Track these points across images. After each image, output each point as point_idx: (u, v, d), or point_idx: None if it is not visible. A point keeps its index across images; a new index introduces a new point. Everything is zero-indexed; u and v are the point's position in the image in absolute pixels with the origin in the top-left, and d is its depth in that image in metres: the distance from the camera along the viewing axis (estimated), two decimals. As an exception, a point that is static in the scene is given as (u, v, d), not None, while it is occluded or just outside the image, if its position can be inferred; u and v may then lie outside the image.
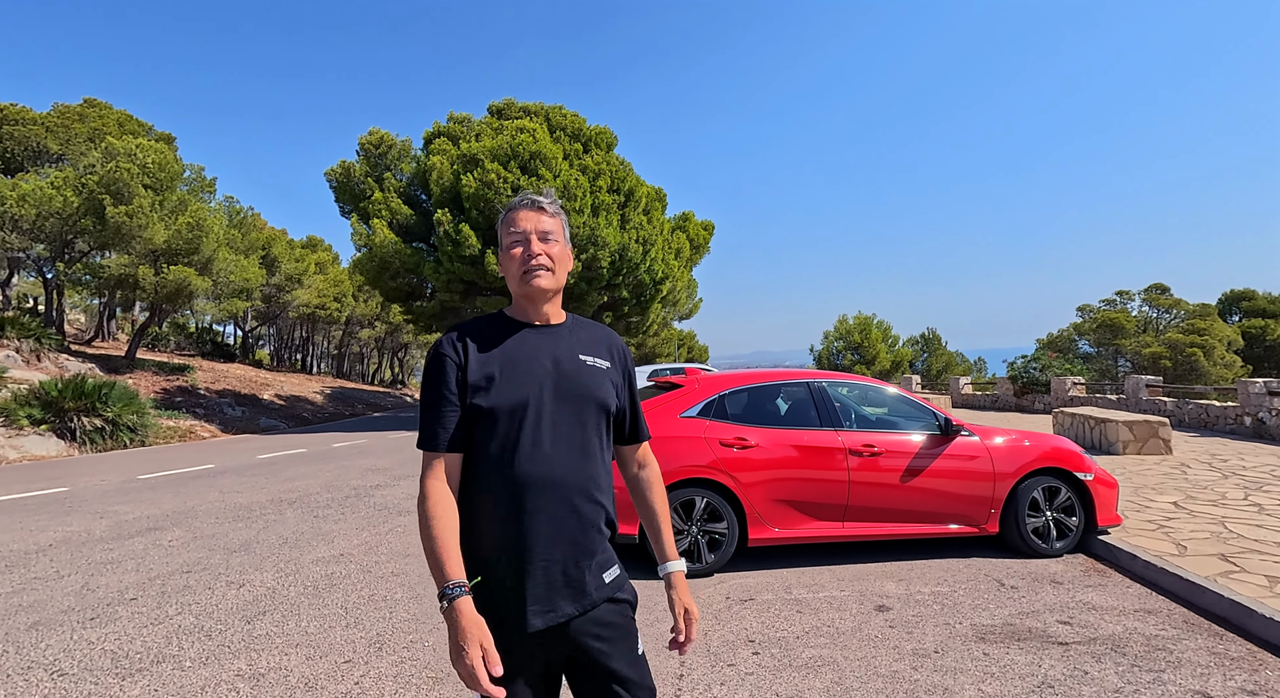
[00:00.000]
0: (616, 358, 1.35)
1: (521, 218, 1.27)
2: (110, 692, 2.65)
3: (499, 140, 17.54)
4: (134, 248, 18.12)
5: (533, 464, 1.18)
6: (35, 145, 22.06)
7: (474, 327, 1.29)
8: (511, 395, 1.20)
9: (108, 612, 3.56)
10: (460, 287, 18.15)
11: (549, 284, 1.26)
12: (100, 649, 3.07)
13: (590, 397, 1.25)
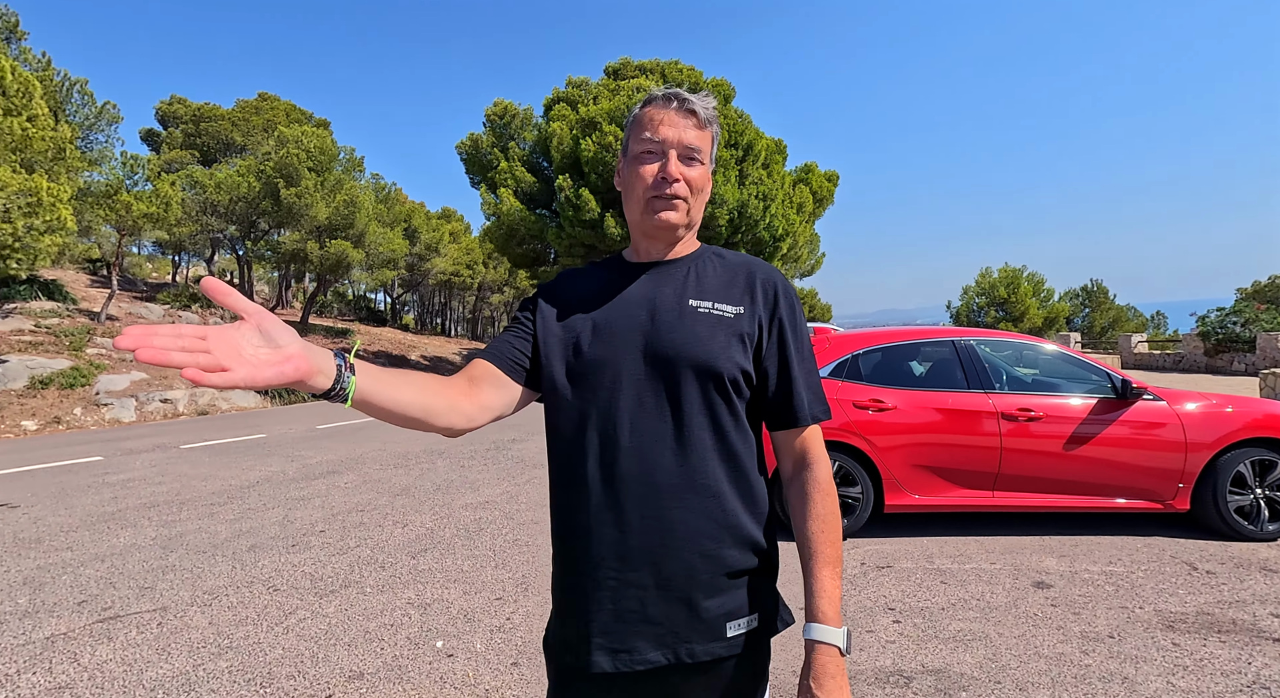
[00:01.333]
0: (759, 299, 0.95)
1: (662, 122, 0.93)
2: (312, 607, 3.11)
3: (615, 102, 17.51)
4: (302, 225, 20.46)
5: (604, 457, 0.88)
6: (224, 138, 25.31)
7: (576, 275, 1.05)
8: (586, 364, 0.92)
9: (304, 541, 4.15)
10: (581, 251, 18.65)
11: (679, 219, 0.94)
12: (301, 572, 3.60)
13: (687, 358, 0.89)
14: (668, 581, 0.87)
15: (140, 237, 19.96)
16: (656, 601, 0.87)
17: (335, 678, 2.45)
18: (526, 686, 2.36)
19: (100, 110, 17.76)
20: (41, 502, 5.38)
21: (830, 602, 0.87)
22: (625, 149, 0.98)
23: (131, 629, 2.92)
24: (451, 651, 2.65)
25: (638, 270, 0.99)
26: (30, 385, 11.98)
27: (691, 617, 0.87)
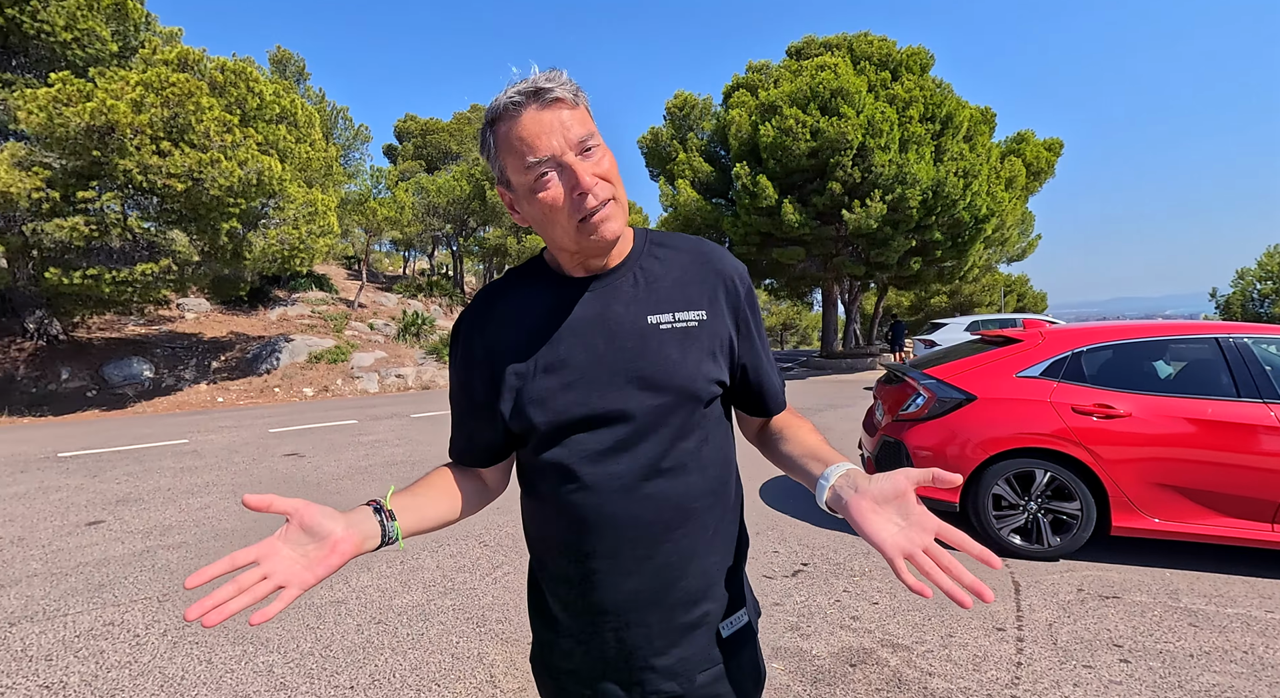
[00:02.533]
0: (721, 297, 0.88)
1: (535, 134, 0.76)
2: (514, 564, 3.53)
3: (797, 83, 16.88)
4: (503, 222, 22.80)
5: (596, 495, 0.83)
6: (444, 148, 29.06)
7: (498, 297, 0.90)
8: (554, 404, 0.83)
9: (507, 505, 4.70)
10: (757, 239, 18.38)
11: (621, 224, 0.81)
12: (505, 532, 4.09)
13: (662, 387, 0.82)
14: (670, 614, 0.85)
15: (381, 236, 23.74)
16: (662, 634, 0.85)
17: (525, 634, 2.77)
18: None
19: (356, 132, 21.42)
20: (319, 454, 6.74)
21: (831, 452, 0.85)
22: (505, 182, 0.82)
23: (382, 564, 3.56)
24: (630, 617, 2.84)
25: (577, 286, 0.86)
26: (309, 360, 14.97)
27: (696, 638, 0.86)
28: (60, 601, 3.15)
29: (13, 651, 2.66)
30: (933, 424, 3.73)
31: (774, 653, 2.49)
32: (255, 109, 12.27)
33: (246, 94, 12.02)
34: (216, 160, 10.86)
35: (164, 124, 10.45)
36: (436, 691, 2.30)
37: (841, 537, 3.85)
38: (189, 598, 3.12)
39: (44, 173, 9.90)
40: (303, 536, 0.72)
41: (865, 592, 3.07)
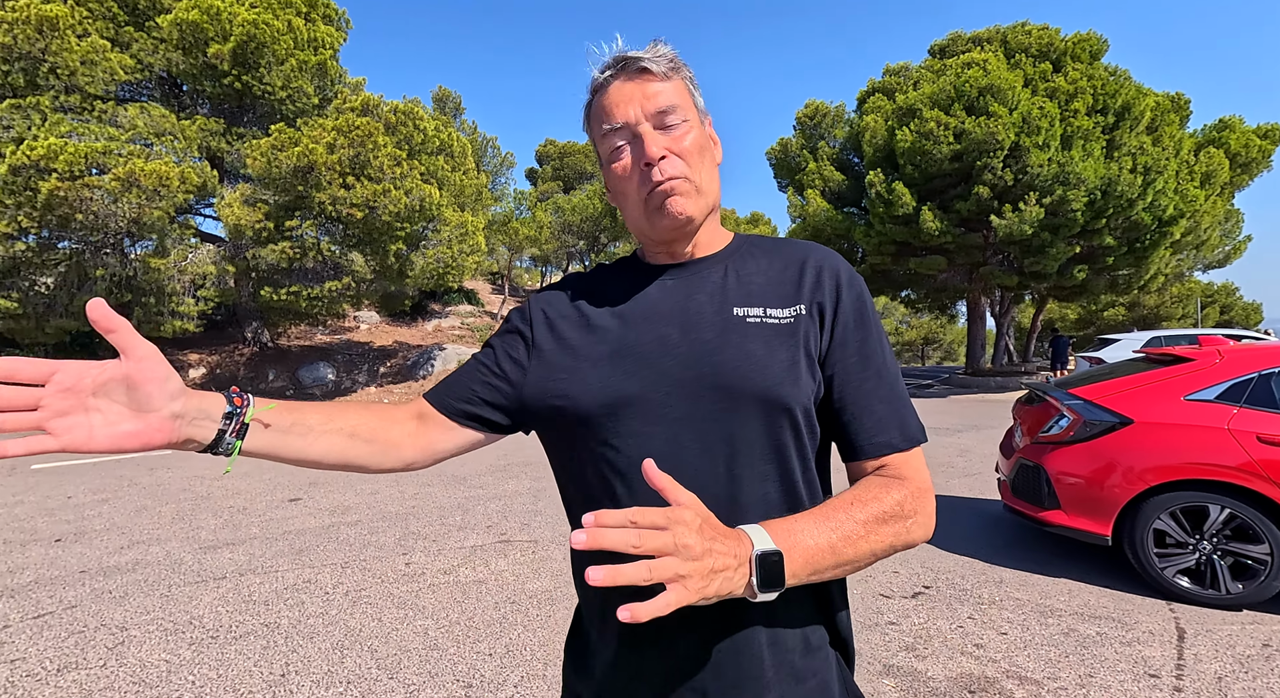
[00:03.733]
0: (816, 293, 0.74)
1: (615, 103, 0.72)
2: (630, 558, 3.77)
3: (939, 83, 15.91)
4: (632, 237, 23.66)
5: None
6: (579, 169, 30.77)
7: (581, 281, 0.84)
8: (599, 390, 0.71)
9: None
10: (892, 248, 17.48)
11: (694, 207, 0.73)
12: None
13: (739, 388, 0.68)
14: (725, 678, 0.68)
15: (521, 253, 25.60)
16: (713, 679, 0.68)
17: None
18: (807, 669, 2.50)
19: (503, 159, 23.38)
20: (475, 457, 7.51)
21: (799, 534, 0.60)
22: (599, 160, 0.77)
23: (517, 552, 3.96)
24: (741, 621, 2.94)
25: (658, 273, 0.78)
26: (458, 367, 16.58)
27: None
28: (272, 559, 3.86)
29: (243, 594, 3.33)
30: (1079, 448, 3.43)
31: (886, 670, 2.47)
32: (420, 144, 13.91)
33: (413, 131, 13.67)
34: (388, 190, 12.46)
35: (349, 161, 12.20)
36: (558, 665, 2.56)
37: (970, 563, 3.65)
38: (364, 567, 3.70)
39: (263, 207, 11.97)
40: (121, 390, 0.58)
41: (993, 621, 2.91)
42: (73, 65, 10.54)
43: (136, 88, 12.59)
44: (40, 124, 10.10)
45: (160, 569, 3.70)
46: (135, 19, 11.94)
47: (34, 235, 10.45)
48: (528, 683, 2.44)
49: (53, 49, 10.30)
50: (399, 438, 0.77)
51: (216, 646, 2.77)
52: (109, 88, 11.30)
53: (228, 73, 12.09)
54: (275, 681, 2.48)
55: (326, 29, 13.39)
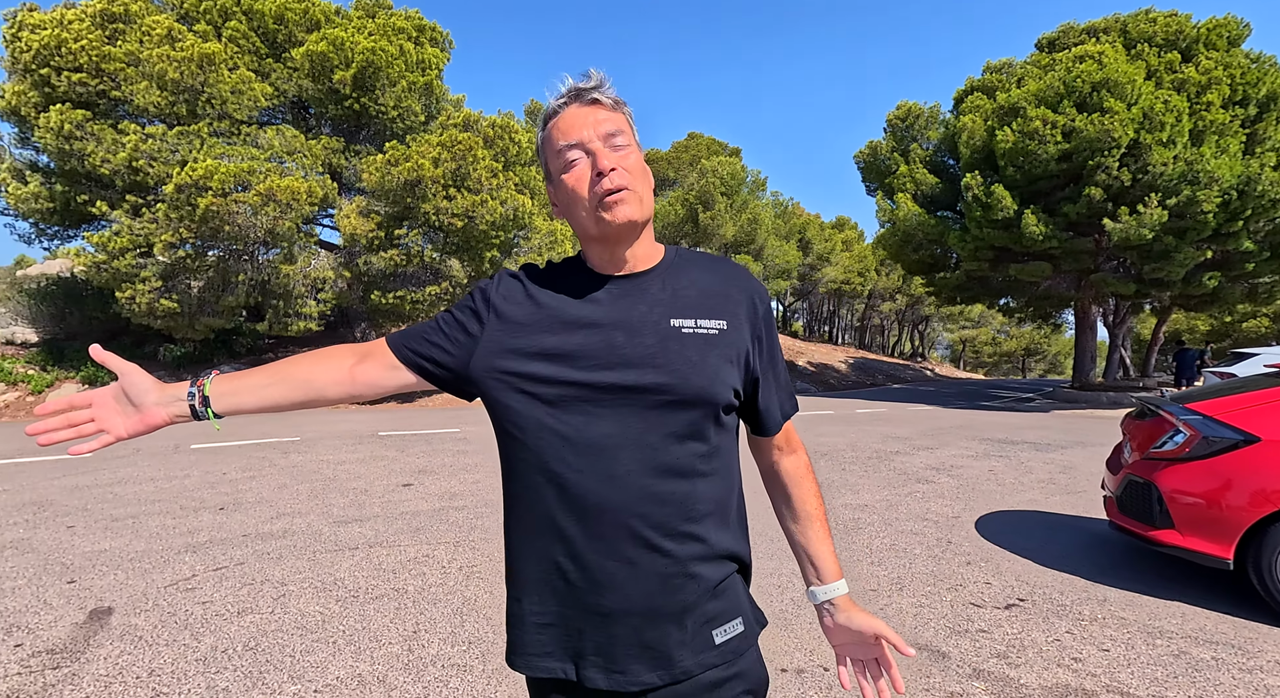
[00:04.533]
0: (743, 310, 0.91)
1: (569, 123, 0.85)
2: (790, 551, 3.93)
3: (1047, 80, 15.02)
4: (713, 243, 23.74)
5: (591, 480, 0.83)
6: (662, 176, 31.19)
7: (537, 273, 0.95)
8: (562, 380, 0.85)
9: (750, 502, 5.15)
10: (989, 254, 16.61)
11: (636, 213, 0.85)
12: (710, 526, 4.53)
13: (676, 387, 0.84)
14: (657, 610, 0.85)
15: (605, 260, 26.31)
16: (647, 627, 0.85)
17: (737, 609, 3.13)
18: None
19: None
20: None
21: (835, 560, 1.00)
22: (548, 176, 0.91)
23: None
24: (828, 617, 3.05)
25: (605, 282, 0.91)
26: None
27: (681, 635, 0.85)
28: (394, 535, 4.32)
29: (374, 563, 3.78)
30: (1196, 466, 3.28)
31: (976, 674, 2.51)
32: (514, 156, 14.69)
33: (509, 144, 14.45)
34: (485, 201, 13.25)
35: (451, 174, 13.09)
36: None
37: (1070, 580, 3.55)
38: (474, 546, 4.08)
39: (376, 218, 13.05)
40: (124, 398, 0.88)
41: (1094, 637, 2.86)
42: (224, 95, 11.98)
43: (273, 112, 14.09)
44: (199, 148, 11.55)
45: (305, 537, 4.24)
46: (274, 51, 13.39)
47: (190, 244, 11.94)
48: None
49: (210, 81, 11.76)
50: (333, 379, 0.93)
51: (358, 604, 3.19)
52: (252, 113, 12.73)
53: (348, 96, 13.30)
54: (409, 635, 2.85)
55: (433, 51, 14.44)
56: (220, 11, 12.91)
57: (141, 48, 11.34)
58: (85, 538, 4.21)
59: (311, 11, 13.46)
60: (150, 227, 11.34)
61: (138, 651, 2.70)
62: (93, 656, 2.66)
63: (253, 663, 2.61)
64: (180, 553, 3.92)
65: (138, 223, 11.40)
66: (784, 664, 2.60)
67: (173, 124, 11.94)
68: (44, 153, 12.19)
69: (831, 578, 0.98)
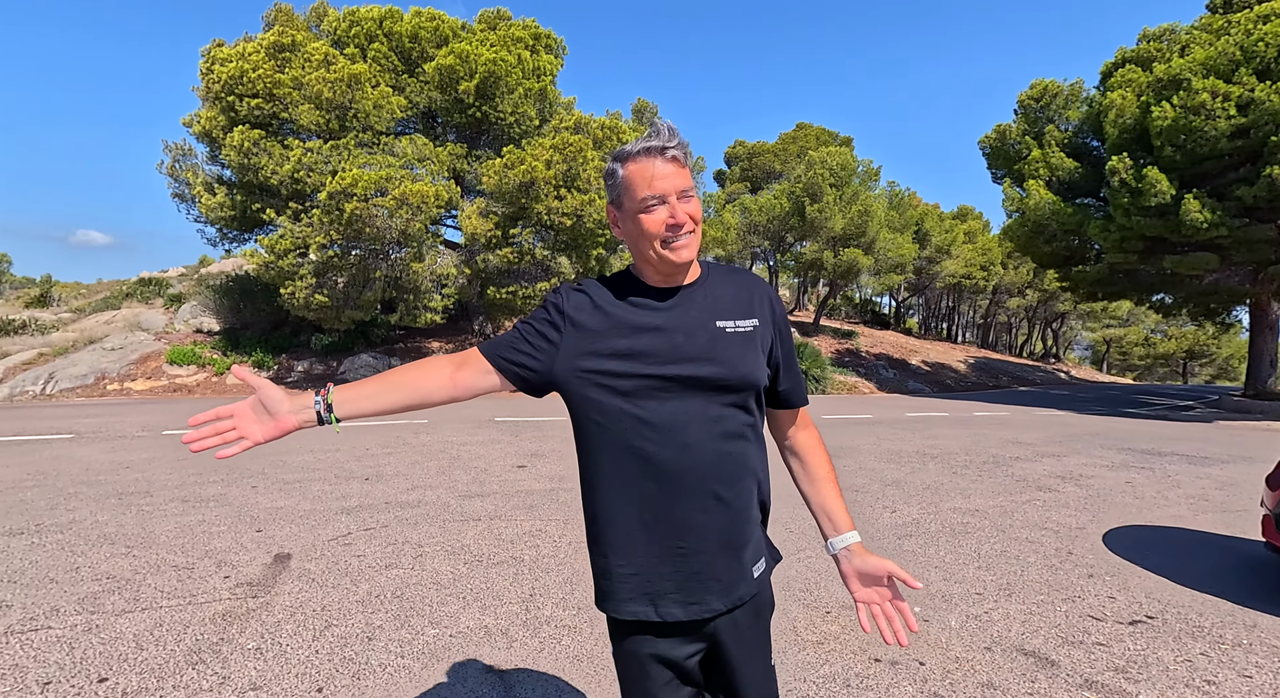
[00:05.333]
0: (763, 311, 1.15)
1: (650, 175, 1.05)
2: (803, 551, 3.97)
3: (1220, 45, 13.18)
4: (821, 236, 23.02)
5: (668, 451, 1.04)
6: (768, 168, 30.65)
7: (597, 286, 1.15)
8: (636, 374, 1.06)
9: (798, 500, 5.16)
10: (1139, 245, 14.88)
11: (693, 253, 1.09)
12: (790, 527, 4.57)
13: (730, 373, 1.07)
14: (729, 545, 1.09)
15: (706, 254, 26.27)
16: (719, 560, 1.08)
17: (830, 606, 3.19)
18: (996, 670, 2.55)
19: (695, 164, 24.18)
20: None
21: (846, 514, 1.20)
22: (619, 204, 1.10)
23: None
24: (927, 617, 3.03)
25: (661, 294, 1.12)
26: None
27: (740, 568, 1.11)
28: (511, 511, 4.75)
29: (495, 533, 4.21)
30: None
31: (1088, 684, 2.43)
32: (622, 156, 15.11)
33: (617, 144, 14.89)
34: (593, 200, 13.77)
35: (562, 175, 13.73)
36: (753, 625, 2.92)
37: (1214, 601, 3.26)
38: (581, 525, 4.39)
39: (494, 218, 13.98)
40: (261, 408, 1.05)
41: (1236, 662, 2.64)
42: (368, 109, 13.34)
43: (407, 123, 15.47)
44: (346, 158, 12.97)
45: (436, 508, 4.78)
46: (409, 67, 14.70)
47: (338, 245, 13.44)
48: (724, 634, 2.84)
49: (356, 98, 13.14)
50: (437, 385, 1.13)
51: (482, 567, 3.59)
52: (390, 125, 14.08)
53: (471, 105, 14.32)
54: (526, 598, 3.18)
55: (547, 58, 15.17)
56: (366, 35, 14.35)
57: (303, 73, 12.89)
58: (266, 496, 4.99)
59: (441, 29, 14.60)
60: (307, 230, 12.90)
61: (312, 590, 3.24)
62: (279, 590, 3.22)
63: (399, 608, 3.04)
64: (337, 514, 4.56)
65: (297, 227, 13.01)
66: (879, 655, 2.65)
67: (326, 138, 13.46)
68: (228, 168, 14.20)
69: (845, 529, 1.19)
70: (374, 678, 2.43)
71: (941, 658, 2.64)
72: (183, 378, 14.04)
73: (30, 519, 4.28)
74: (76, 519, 4.30)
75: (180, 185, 15.00)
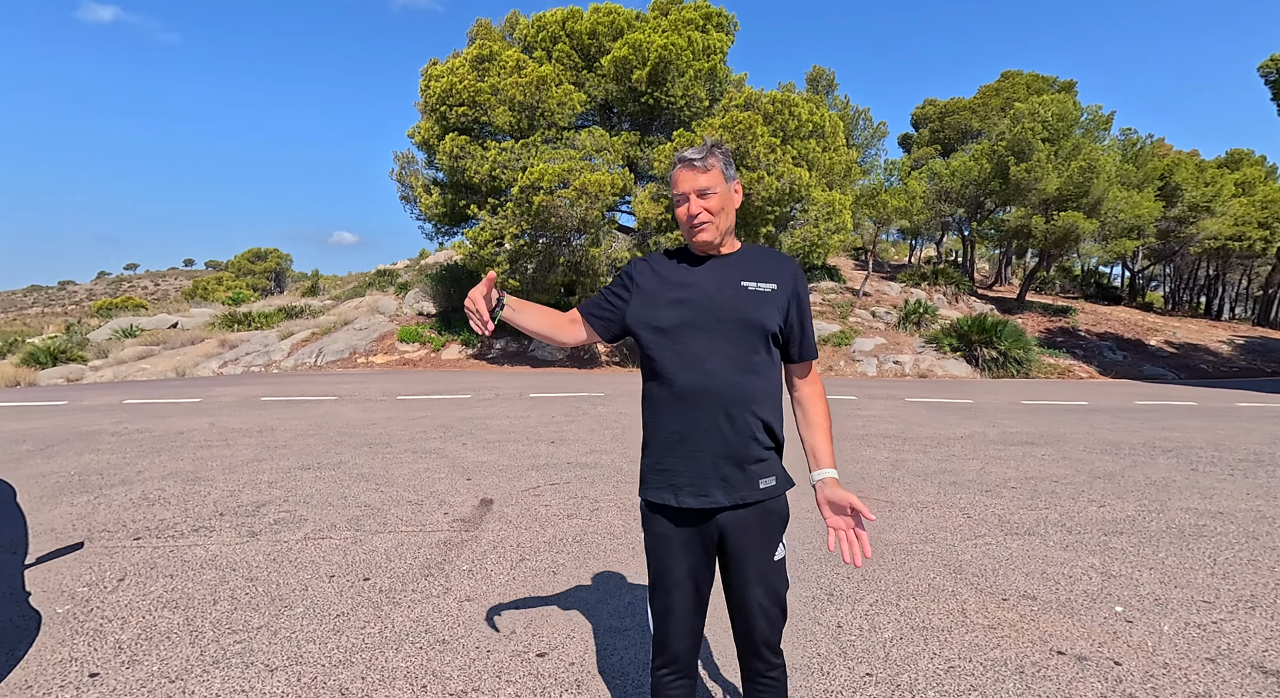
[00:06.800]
0: (786, 280, 1.47)
1: (680, 179, 1.46)
2: (998, 540, 3.69)
3: None
4: (1029, 200, 20.14)
5: (692, 375, 1.40)
6: (963, 127, 27.46)
7: (660, 256, 1.54)
8: (675, 317, 1.43)
9: (995, 489, 4.74)
10: None
11: (712, 236, 1.45)
12: (991, 511, 4.23)
13: (745, 318, 1.41)
14: (731, 454, 1.40)
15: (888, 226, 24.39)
16: (725, 465, 1.41)
17: (1009, 593, 2.97)
18: (1218, 683, 2.22)
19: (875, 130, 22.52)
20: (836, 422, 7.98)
21: (828, 455, 1.49)
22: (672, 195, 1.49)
23: (873, 507, 4.28)
24: (1131, 618, 2.70)
25: (701, 261, 1.50)
26: (818, 342, 17.05)
27: (743, 476, 1.42)
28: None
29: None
30: None
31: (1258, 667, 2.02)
32: (793, 129, 14.62)
33: (788, 118, 14.44)
34: (761, 178, 13.54)
35: (731, 154, 13.66)
36: (918, 607, 2.85)
37: None
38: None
39: (664, 202, 14.41)
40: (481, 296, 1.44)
41: None
42: (552, 107, 14.47)
43: (585, 116, 16.48)
44: (534, 155, 14.24)
45: (609, 470, 5.23)
46: (588, 63, 15.61)
47: (527, 234, 14.87)
48: (879, 605, 2.81)
49: (542, 98, 14.33)
50: (561, 326, 1.57)
51: (650, 523, 3.91)
52: (571, 120, 15.13)
53: (644, 92, 14.82)
54: (689, 554, 3.42)
55: (718, 36, 15.11)
56: (550, 37, 15.50)
57: (499, 79, 14.35)
58: (473, 452, 5.87)
59: (617, 21, 15.25)
60: (502, 222, 14.45)
61: (509, 530, 3.81)
62: (485, 528, 3.84)
63: (579, 551, 3.46)
64: (528, 470, 5.21)
65: (494, 220, 14.62)
66: (1063, 648, 2.45)
67: (517, 137, 14.89)
68: (440, 171, 16.37)
69: (824, 465, 1.48)
70: (558, 604, 2.84)
71: (1145, 661, 2.36)
72: (409, 353, 16.64)
73: (314, 459, 5.53)
74: (342, 461, 5.46)
75: (405, 189, 17.62)
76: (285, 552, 3.40)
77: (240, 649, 2.42)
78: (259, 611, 2.74)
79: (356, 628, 2.60)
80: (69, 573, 3.11)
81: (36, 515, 3.98)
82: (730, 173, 1.49)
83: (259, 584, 3.00)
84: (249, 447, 5.96)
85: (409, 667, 2.31)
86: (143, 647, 2.44)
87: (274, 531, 3.72)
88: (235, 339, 17.91)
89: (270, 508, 4.14)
